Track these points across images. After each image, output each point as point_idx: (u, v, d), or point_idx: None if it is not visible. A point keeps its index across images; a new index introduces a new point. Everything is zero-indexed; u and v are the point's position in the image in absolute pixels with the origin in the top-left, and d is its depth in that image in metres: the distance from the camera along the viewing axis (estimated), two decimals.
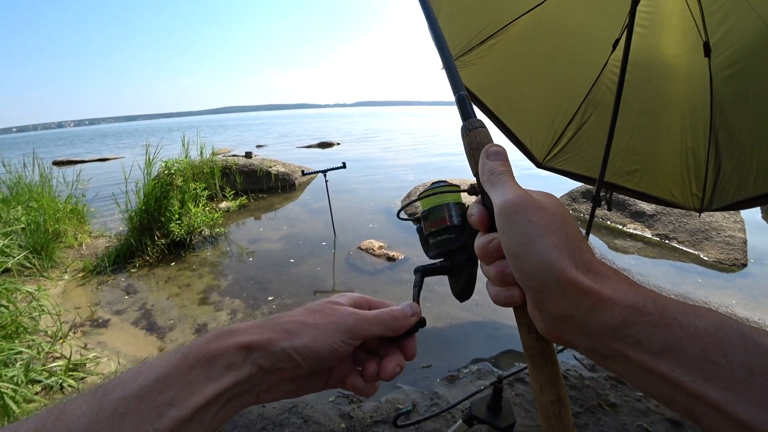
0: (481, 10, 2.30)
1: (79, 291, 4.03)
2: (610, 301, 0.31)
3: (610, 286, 0.32)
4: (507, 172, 0.40)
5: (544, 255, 0.34)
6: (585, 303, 0.32)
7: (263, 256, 4.79)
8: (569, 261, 0.33)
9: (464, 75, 2.51)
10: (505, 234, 0.36)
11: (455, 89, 0.49)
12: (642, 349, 0.30)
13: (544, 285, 0.34)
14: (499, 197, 0.38)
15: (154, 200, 4.88)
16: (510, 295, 0.39)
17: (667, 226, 5.21)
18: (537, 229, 0.34)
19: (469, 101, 0.48)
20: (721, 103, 2.05)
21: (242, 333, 0.38)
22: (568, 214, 0.37)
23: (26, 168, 5.93)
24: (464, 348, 2.93)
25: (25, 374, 2.23)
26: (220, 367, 0.36)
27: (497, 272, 0.39)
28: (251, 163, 8.14)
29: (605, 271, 0.34)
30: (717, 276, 4.14)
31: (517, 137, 2.75)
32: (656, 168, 2.41)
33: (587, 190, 6.16)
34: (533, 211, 0.35)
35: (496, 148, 0.42)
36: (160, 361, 0.35)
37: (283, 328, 0.39)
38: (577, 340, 0.34)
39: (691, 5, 1.93)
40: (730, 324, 0.28)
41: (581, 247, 0.35)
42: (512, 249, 0.36)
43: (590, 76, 2.41)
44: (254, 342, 0.37)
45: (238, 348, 0.37)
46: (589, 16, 2.27)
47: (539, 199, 0.37)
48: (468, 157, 0.46)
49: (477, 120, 0.47)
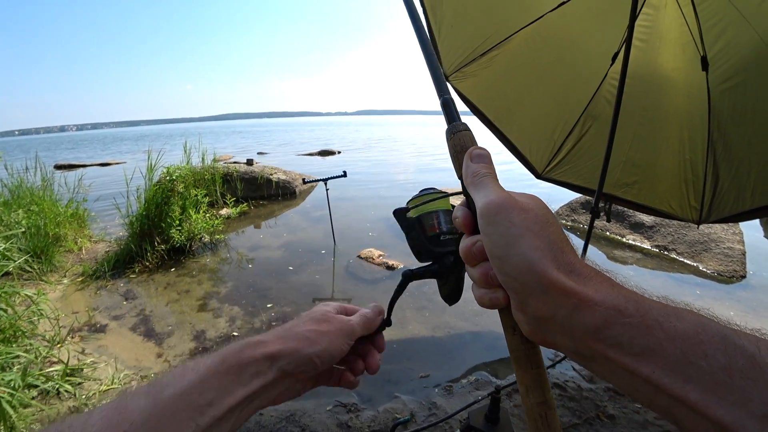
0: (483, 22, 2.33)
1: (77, 295, 4.03)
2: (591, 302, 0.32)
3: (591, 287, 0.32)
4: (490, 174, 0.40)
5: (525, 256, 0.34)
6: (566, 304, 0.32)
7: (263, 263, 4.79)
8: (551, 262, 0.33)
9: (465, 86, 2.54)
10: (487, 236, 0.37)
11: (440, 93, 0.50)
12: (623, 351, 0.30)
13: (526, 286, 0.34)
14: (482, 199, 0.38)
15: (155, 206, 4.89)
16: (494, 297, 0.39)
17: (666, 237, 5.22)
18: (518, 231, 0.35)
19: (454, 105, 0.49)
20: (719, 116, 2.08)
21: (268, 344, 0.45)
22: (551, 215, 0.37)
23: (28, 171, 5.95)
24: (463, 358, 2.92)
25: (23, 378, 2.22)
26: (249, 374, 0.42)
27: (481, 274, 0.39)
28: (252, 171, 8.16)
29: (587, 272, 0.34)
30: (716, 288, 4.14)
31: (517, 148, 2.77)
32: (655, 180, 2.43)
33: (586, 201, 6.18)
34: (515, 213, 0.35)
35: (479, 150, 0.43)
36: (199, 364, 0.41)
37: (304, 337, 0.47)
38: (560, 341, 0.34)
39: (689, 20, 1.97)
40: (710, 326, 0.28)
41: (563, 248, 0.35)
42: (494, 251, 0.36)
43: (589, 88, 2.44)
44: (280, 351, 0.44)
45: (265, 357, 0.43)
46: (588, 30, 2.31)
47: (521, 200, 0.37)
48: (452, 160, 0.46)
49: (461, 123, 0.47)
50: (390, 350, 2.95)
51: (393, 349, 2.98)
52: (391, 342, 3.05)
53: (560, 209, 6.61)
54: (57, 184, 5.91)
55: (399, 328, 3.21)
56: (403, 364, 2.84)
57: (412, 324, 3.26)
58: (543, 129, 2.69)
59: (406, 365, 2.82)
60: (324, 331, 0.48)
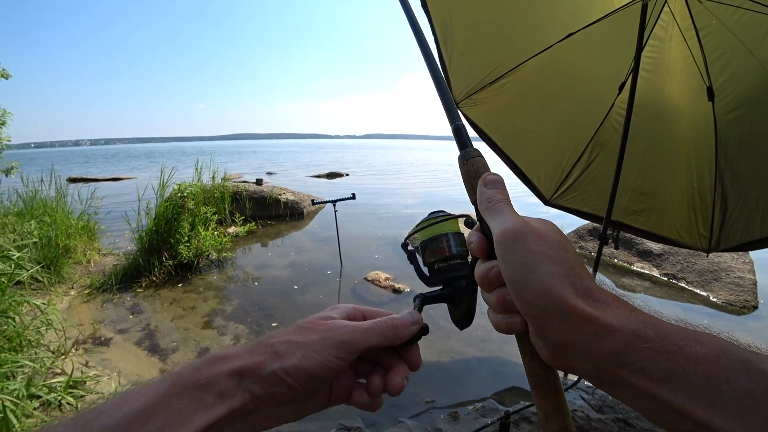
0: (493, 51, 2.40)
1: (83, 307, 4.05)
2: (611, 328, 0.31)
3: (610, 313, 0.32)
4: (505, 200, 0.40)
5: (544, 282, 0.34)
6: (586, 330, 0.32)
7: (269, 282, 4.80)
8: (569, 288, 0.33)
9: (475, 113, 2.60)
10: (505, 262, 0.37)
11: (451, 120, 0.51)
12: (644, 376, 0.30)
13: (545, 312, 0.34)
14: (498, 225, 0.38)
15: (165, 221, 4.95)
16: (512, 323, 0.39)
17: (675, 265, 5.17)
18: (536, 257, 0.34)
19: (466, 131, 0.50)
20: (725, 146, 2.10)
21: (234, 358, 0.36)
22: (566, 240, 0.37)
23: (43, 183, 6.07)
24: (469, 384, 2.88)
25: (27, 388, 2.22)
26: (211, 395, 0.33)
27: (498, 300, 0.39)
28: (261, 190, 8.26)
29: (605, 298, 0.34)
30: (727, 318, 4.07)
31: (525, 174, 2.80)
32: (663, 207, 2.44)
33: (594, 228, 6.16)
34: (532, 239, 0.35)
35: (493, 176, 0.43)
36: (147, 388, 0.33)
37: (272, 350, 0.37)
38: (580, 367, 0.34)
39: (694, 52, 2.02)
40: (731, 350, 0.28)
41: (581, 274, 0.35)
42: (512, 277, 0.36)
43: (597, 117, 2.48)
44: (246, 367, 0.35)
45: (229, 374, 0.35)
46: (595, 60, 2.37)
47: (537, 226, 0.37)
48: (466, 186, 0.47)
49: (474, 149, 0.47)
50: None
51: None
52: None
53: (568, 236, 6.56)
54: (70, 196, 6.02)
55: None
56: (408, 388, 2.75)
57: None
58: (551, 156, 2.73)
59: (411, 389, 2.78)
60: (300, 342, 0.38)
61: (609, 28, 2.14)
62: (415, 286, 4.52)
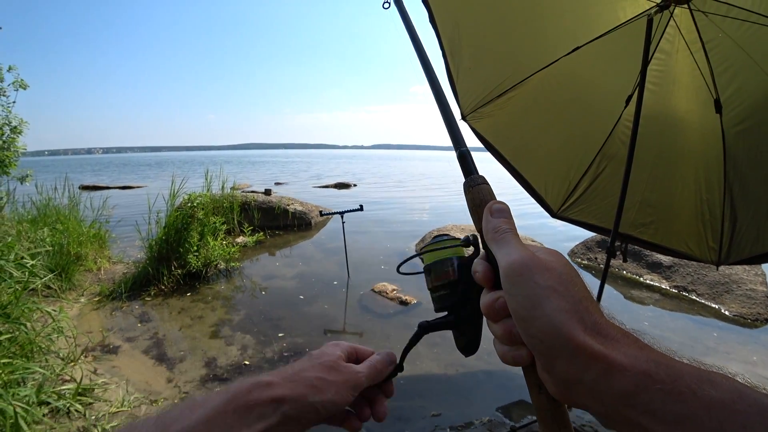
0: (499, 65, 2.43)
1: (93, 315, 4.09)
2: (620, 367, 0.31)
3: (620, 351, 0.32)
4: (511, 231, 0.40)
5: (551, 318, 0.33)
6: (595, 368, 0.32)
7: (276, 292, 4.82)
8: (578, 324, 0.33)
9: (482, 126, 2.62)
10: (511, 295, 0.36)
11: (456, 146, 0.51)
12: (656, 419, 0.29)
13: (553, 349, 0.33)
14: (504, 257, 0.38)
15: (175, 231, 5.01)
16: (518, 355, 0.38)
17: (686, 277, 5.10)
18: (543, 291, 0.34)
19: (471, 158, 0.50)
20: (734, 158, 2.10)
21: (276, 387, 0.44)
22: (575, 273, 0.37)
23: (57, 191, 6.18)
24: (475, 397, 2.85)
25: (37, 395, 2.25)
26: (254, 416, 0.41)
27: (504, 331, 0.39)
28: (270, 201, 8.33)
29: (615, 334, 0.33)
30: (738, 331, 3.99)
31: (533, 187, 2.81)
32: (672, 220, 2.42)
33: (602, 239, 6.11)
34: (539, 272, 0.35)
35: (499, 205, 0.43)
36: (208, 401, 0.41)
37: (311, 384, 0.46)
38: (589, 405, 0.33)
39: (701, 65, 2.02)
40: (747, 394, 0.27)
41: (589, 308, 0.34)
42: (519, 312, 0.36)
43: (604, 129, 2.49)
44: (286, 396, 0.44)
45: (272, 401, 0.43)
46: (602, 73, 2.39)
47: (545, 258, 0.37)
48: (471, 213, 0.47)
49: (479, 176, 0.47)
50: (401, 386, 2.90)
51: (404, 386, 2.92)
52: (402, 378, 3.00)
53: (576, 247, 6.55)
54: (83, 204, 6.12)
55: (411, 364, 3.15)
56: (414, 401, 2.78)
57: (424, 361, 3.20)
58: (558, 168, 2.73)
59: (418, 402, 2.76)
60: (332, 381, 0.47)
61: (615, 42, 2.16)
62: (422, 298, 4.50)
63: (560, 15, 2.21)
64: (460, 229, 7.02)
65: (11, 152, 5.79)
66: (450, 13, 2.27)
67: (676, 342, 3.68)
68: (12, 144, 5.84)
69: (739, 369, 3.25)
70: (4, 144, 5.75)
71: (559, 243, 7.20)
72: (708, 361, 0.36)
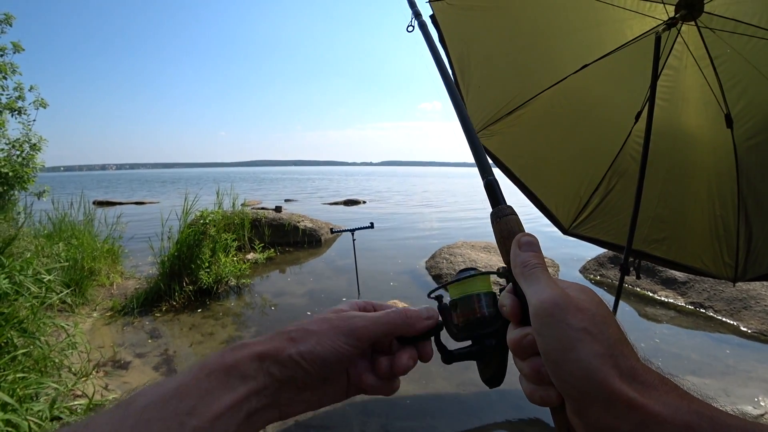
0: (509, 83, 2.47)
1: (105, 330, 4.12)
2: (659, 418, 0.29)
3: (659, 399, 0.30)
4: (541, 266, 0.39)
5: (585, 363, 0.31)
6: (632, 418, 0.29)
7: (286, 309, 4.82)
8: (613, 369, 0.31)
9: (492, 143, 2.64)
10: (542, 336, 0.35)
11: (483, 174, 0.50)
12: None
13: (586, 395, 0.31)
14: (535, 295, 0.36)
15: (187, 247, 5.06)
16: (546, 396, 0.36)
17: (701, 294, 4.99)
18: (577, 334, 0.32)
19: (499, 187, 0.48)
20: (747, 172, 2.08)
21: (254, 344, 0.39)
22: (609, 313, 0.35)
23: (72, 206, 6.32)
24: (489, 417, 2.79)
25: (50, 410, 2.26)
26: (235, 377, 0.36)
27: (532, 369, 0.37)
28: (280, 217, 8.39)
29: (652, 380, 0.31)
30: (760, 349, 3.88)
31: (544, 204, 2.80)
32: (685, 236, 2.39)
33: (615, 255, 6.03)
34: (571, 313, 0.33)
35: (528, 238, 0.42)
36: (179, 374, 0.37)
37: (288, 336, 0.41)
38: None
39: (710, 80, 2.03)
40: None
41: (624, 352, 0.32)
42: (550, 354, 0.34)
43: (614, 145, 2.49)
44: (265, 351, 0.39)
45: (251, 358, 0.38)
46: (611, 90, 2.40)
47: (577, 297, 0.35)
48: (499, 245, 0.45)
49: (507, 207, 0.46)
50: (413, 406, 2.86)
51: (416, 405, 2.88)
52: (415, 397, 2.97)
53: (588, 264, 6.46)
54: (97, 220, 6.24)
55: (423, 383, 3.12)
56: (426, 421, 2.73)
57: (436, 379, 3.16)
58: (569, 185, 2.73)
59: (430, 422, 2.72)
60: (313, 330, 0.41)
61: (623, 59, 2.18)
62: None
63: (568, 33, 2.25)
64: (470, 246, 6.98)
65: (30, 168, 5.98)
66: (459, 32, 2.32)
67: (694, 361, 3.58)
68: (31, 160, 6.03)
69: (761, 390, 3.15)
70: (23, 161, 5.94)
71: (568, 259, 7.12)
72: (729, 381, 0.34)
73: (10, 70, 5.80)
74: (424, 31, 0.79)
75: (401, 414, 2.77)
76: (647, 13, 2.00)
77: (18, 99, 6.00)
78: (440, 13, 2.27)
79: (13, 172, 5.71)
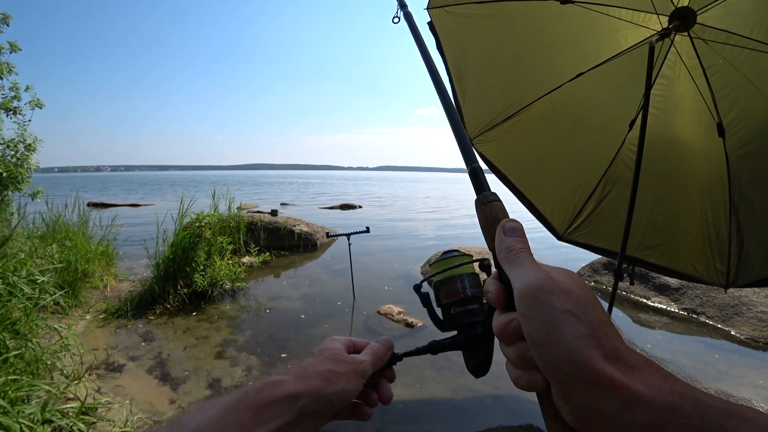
0: (505, 90, 2.50)
1: (98, 332, 4.09)
2: (643, 399, 0.29)
3: (642, 380, 0.30)
4: (525, 250, 0.39)
5: (569, 344, 0.31)
6: (616, 399, 0.29)
7: (281, 313, 4.80)
8: (597, 350, 0.31)
9: (488, 149, 2.67)
10: (526, 319, 0.35)
11: (468, 162, 0.51)
12: None
13: (570, 376, 0.31)
14: (519, 278, 0.36)
15: (182, 250, 5.04)
16: (532, 380, 0.36)
17: (694, 300, 5.04)
18: (561, 316, 0.32)
19: (483, 174, 0.49)
20: (739, 180, 2.11)
21: (288, 384, 0.44)
22: (593, 295, 0.35)
23: (66, 208, 6.26)
24: (483, 422, 2.80)
25: (42, 413, 2.24)
26: (269, 414, 0.41)
27: (518, 355, 0.37)
28: (276, 221, 8.37)
29: (636, 362, 0.31)
30: (751, 354, 3.92)
31: (539, 210, 2.83)
32: (678, 243, 2.42)
33: (608, 261, 6.07)
34: (556, 295, 0.33)
35: (512, 223, 0.42)
36: (221, 400, 0.42)
37: (323, 377, 0.46)
38: None
39: (702, 89, 2.07)
40: None
41: (608, 333, 0.32)
42: (534, 337, 0.34)
43: (609, 153, 2.52)
44: (300, 392, 0.44)
45: (285, 398, 0.43)
46: (605, 98, 2.44)
47: (561, 280, 0.35)
48: (483, 232, 0.45)
49: (492, 193, 0.46)
50: (408, 411, 2.86)
51: (411, 410, 2.88)
52: (409, 402, 2.97)
53: (582, 270, 6.50)
54: (92, 222, 6.18)
55: (418, 388, 3.12)
56: (421, 426, 2.73)
57: (431, 384, 3.16)
58: (564, 192, 2.76)
59: (425, 427, 2.72)
60: (341, 372, 0.48)
61: (618, 68, 2.22)
62: (428, 321, 4.45)
63: (564, 42, 2.28)
64: (466, 251, 6.99)
65: (24, 169, 5.92)
66: (457, 40, 2.35)
67: (687, 366, 3.61)
68: (25, 161, 5.97)
69: (752, 394, 3.18)
70: (18, 161, 5.89)
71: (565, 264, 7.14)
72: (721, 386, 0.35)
73: (6, 69, 5.77)
74: (409, 21, 0.80)
75: (396, 419, 2.76)
76: (641, 23, 2.03)
77: (14, 99, 5.96)
78: (438, 21, 2.30)
79: (7, 172, 5.66)
